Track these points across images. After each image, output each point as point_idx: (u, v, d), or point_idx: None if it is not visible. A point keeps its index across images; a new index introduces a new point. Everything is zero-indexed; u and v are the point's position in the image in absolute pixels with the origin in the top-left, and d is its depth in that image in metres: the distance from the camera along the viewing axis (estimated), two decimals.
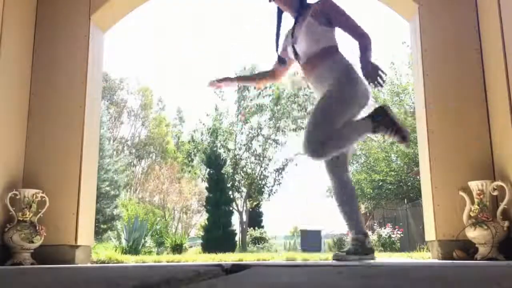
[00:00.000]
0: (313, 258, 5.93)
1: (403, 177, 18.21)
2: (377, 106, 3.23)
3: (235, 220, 20.30)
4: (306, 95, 22.77)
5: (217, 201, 17.87)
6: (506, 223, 3.94)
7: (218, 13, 61.54)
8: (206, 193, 19.48)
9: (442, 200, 4.34)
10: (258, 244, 20.46)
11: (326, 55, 3.24)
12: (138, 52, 59.11)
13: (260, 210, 27.91)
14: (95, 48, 4.89)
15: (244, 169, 22.84)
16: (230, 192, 21.15)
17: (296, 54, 3.37)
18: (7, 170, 4.26)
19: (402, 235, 15.46)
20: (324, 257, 6.17)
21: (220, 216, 17.47)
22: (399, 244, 15.02)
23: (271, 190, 23.11)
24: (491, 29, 4.38)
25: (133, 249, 10.97)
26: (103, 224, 17.96)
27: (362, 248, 3.19)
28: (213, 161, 19.30)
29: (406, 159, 17.74)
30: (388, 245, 14.68)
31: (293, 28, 3.37)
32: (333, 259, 3.26)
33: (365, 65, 3.08)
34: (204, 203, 19.53)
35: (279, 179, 23.05)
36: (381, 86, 3.11)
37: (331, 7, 3.26)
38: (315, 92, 3.38)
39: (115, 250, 8.63)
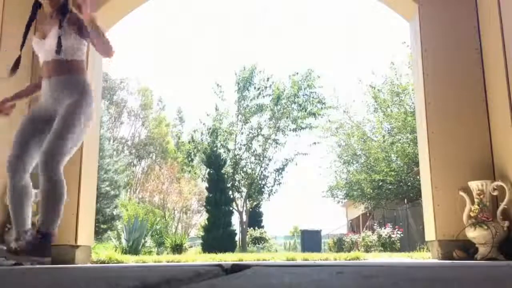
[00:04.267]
0: (313, 258, 5.93)
1: (403, 177, 18.19)
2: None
3: (235, 220, 20.31)
4: (306, 95, 22.77)
5: (217, 201, 17.86)
6: (506, 223, 3.94)
7: (218, 12, 61.58)
8: (206, 193, 19.47)
9: (442, 200, 4.35)
10: (258, 244, 20.46)
11: (73, 67, 3.22)
12: (138, 52, 59.15)
13: (260, 210, 27.90)
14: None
15: (244, 169, 22.82)
16: (230, 192, 21.13)
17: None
18: None
19: (402, 235, 15.46)
20: (324, 257, 6.17)
21: (220, 216, 17.46)
22: (399, 244, 15.01)
23: (271, 190, 23.09)
24: (491, 29, 4.38)
25: (133, 249, 10.97)
26: (103, 224, 17.94)
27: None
28: (213, 161, 19.29)
29: (406, 159, 17.73)
30: (388, 245, 14.68)
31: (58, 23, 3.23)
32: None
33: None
34: (204, 203, 19.52)
35: (279, 179, 23.03)
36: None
37: (79, 18, 3.20)
38: (47, 93, 3.27)
39: (115, 250, 8.62)
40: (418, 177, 13.37)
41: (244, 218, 22.37)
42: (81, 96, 3.17)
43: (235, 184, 22.37)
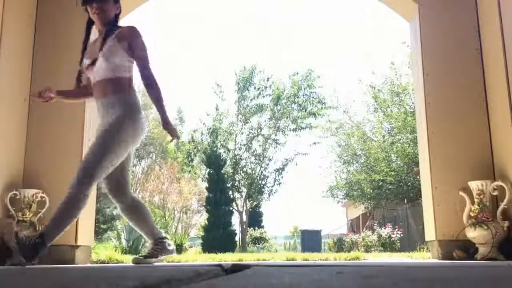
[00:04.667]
0: (313, 258, 5.93)
1: (403, 177, 18.18)
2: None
3: (235, 220, 20.30)
4: (306, 95, 22.76)
5: (217, 201, 17.85)
6: (506, 223, 3.94)
7: (219, 12, 61.65)
8: (206, 193, 19.46)
9: (442, 200, 4.35)
10: (258, 244, 20.45)
11: (120, 85, 3.13)
12: None
13: (260, 210, 27.90)
14: None
15: (244, 169, 22.81)
16: (230, 192, 21.12)
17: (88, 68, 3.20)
18: (7, 170, 4.26)
19: (402, 235, 15.46)
20: (324, 257, 6.17)
21: (220, 216, 17.45)
22: (399, 244, 15.01)
23: (271, 190, 23.08)
24: (491, 29, 4.38)
25: (133, 249, 10.96)
26: (103, 224, 17.94)
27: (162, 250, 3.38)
28: (213, 161, 19.29)
29: (406, 159, 17.72)
30: (388, 245, 14.68)
31: (101, 43, 3.13)
32: (133, 263, 3.34)
33: (166, 121, 3.19)
34: (204, 203, 19.52)
35: (279, 179, 23.02)
36: (178, 139, 3.34)
37: (135, 36, 3.14)
38: (99, 115, 3.23)
39: (115, 250, 8.61)
40: (418, 177, 13.37)
41: (244, 218, 22.36)
42: (124, 114, 3.05)
43: (235, 184, 22.36)
